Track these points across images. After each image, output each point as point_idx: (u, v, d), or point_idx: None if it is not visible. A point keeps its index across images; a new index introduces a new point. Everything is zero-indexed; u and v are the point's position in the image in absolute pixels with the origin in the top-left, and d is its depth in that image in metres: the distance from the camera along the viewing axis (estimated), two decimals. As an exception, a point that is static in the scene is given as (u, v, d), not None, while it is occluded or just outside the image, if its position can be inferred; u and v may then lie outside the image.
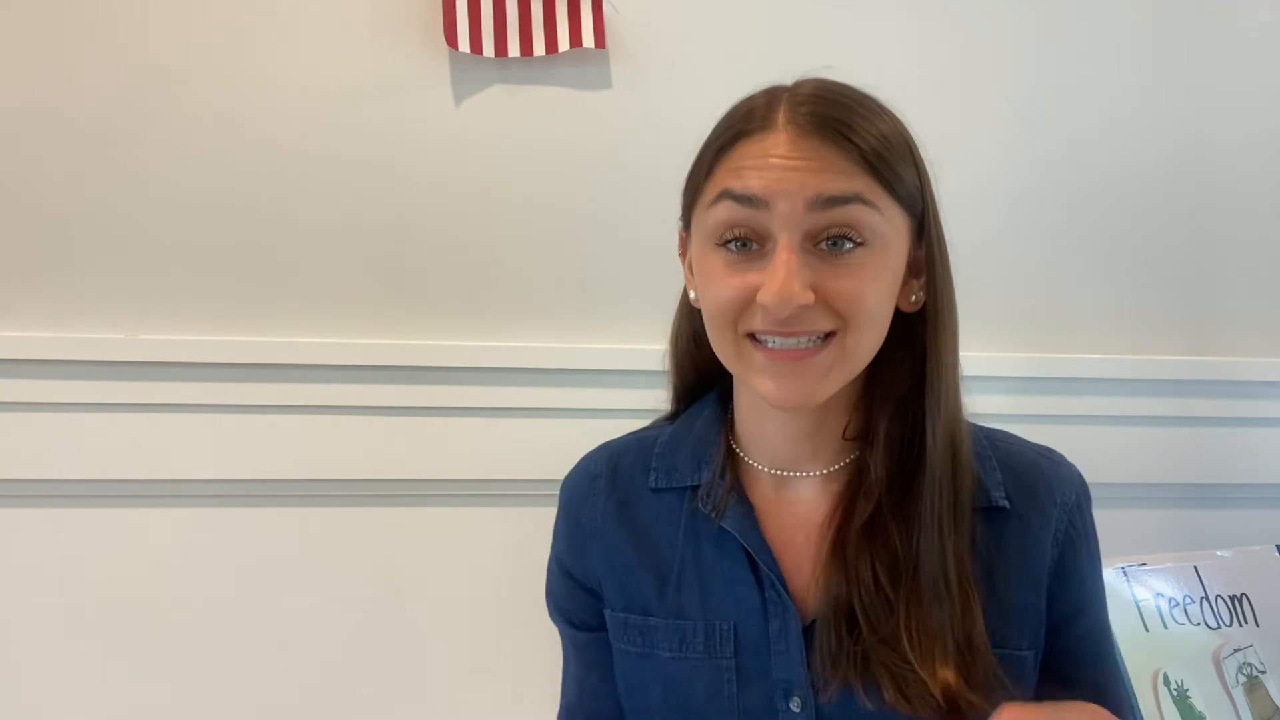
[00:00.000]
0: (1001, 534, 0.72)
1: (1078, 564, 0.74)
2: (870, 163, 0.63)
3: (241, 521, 1.23)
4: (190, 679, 1.23)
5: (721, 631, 0.72)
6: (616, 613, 0.77)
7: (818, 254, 0.64)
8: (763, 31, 1.28)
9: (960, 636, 0.67)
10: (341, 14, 1.22)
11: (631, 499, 0.78)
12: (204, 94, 1.20)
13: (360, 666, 1.27)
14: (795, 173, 0.63)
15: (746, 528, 0.72)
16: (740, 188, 0.64)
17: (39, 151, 1.18)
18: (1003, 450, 0.76)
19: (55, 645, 1.21)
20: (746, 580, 0.72)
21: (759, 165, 0.64)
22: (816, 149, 0.63)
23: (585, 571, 0.80)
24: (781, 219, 0.63)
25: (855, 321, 0.65)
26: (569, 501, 0.82)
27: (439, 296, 1.26)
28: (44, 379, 1.17)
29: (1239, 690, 1.11)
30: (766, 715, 0.71)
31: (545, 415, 1.26)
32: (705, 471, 0.75)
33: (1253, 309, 1.40)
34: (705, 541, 0.74)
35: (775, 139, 0.64)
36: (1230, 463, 1.38)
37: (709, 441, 0.77)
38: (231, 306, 1.22)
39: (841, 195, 0.63)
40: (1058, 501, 0.73)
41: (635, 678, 0.76)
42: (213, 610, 1.23)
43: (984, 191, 1.32)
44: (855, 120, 0.64)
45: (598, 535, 0.78)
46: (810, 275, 0.63)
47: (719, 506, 0.73)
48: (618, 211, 1.27)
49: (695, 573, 0.74)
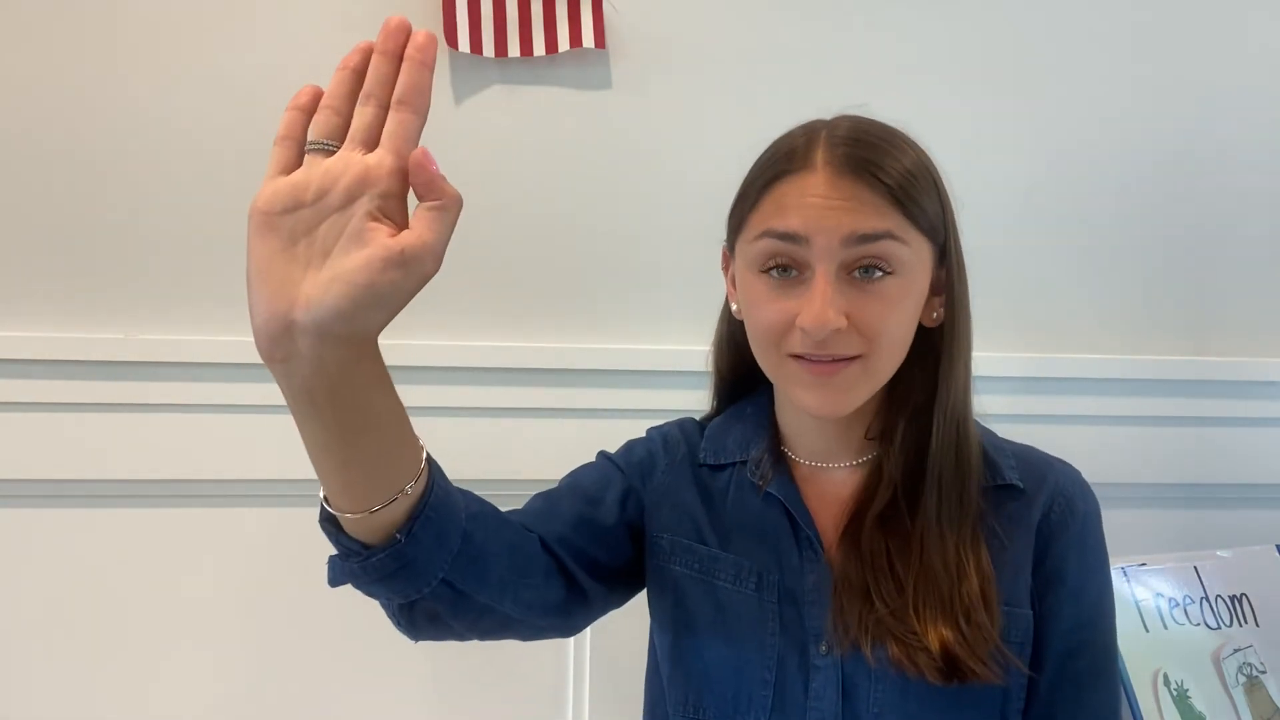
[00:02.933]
0: (1013, 510, 0.81)
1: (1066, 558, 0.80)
2: (899, 199, 0.72)
3: (242, 521, 1.23)
4: (190, 679, 1.23)
5: (769, 580, 0.81)
6: (679, 538, 0.85)
7: (850, 281, 0.73)
8: (763, 31, 1.28)
9: (962, 611, 0.74)
10: (341, 14, 1.22)
11: (695, 467, 0.88)
12: (203, 94, 1.20)
13: (360, 666, 1.26)
14: (833, 212, 0.71)
15: (791, 494, 0.82)
16: (783, 226, 0.72)
17: (39, 152, 1.18)
18: (1019, 447, 0.86)
19: (55, 645, 1.21)
20: (788, 538, 0.82)
21: (799, 205, 0.72)
22: (851, 188, 0.72)
23: (646, 492, 0.87)
24: (819, 253, 0.72)
25: (880, 345, 0.74)
26: (649, 441, 0.91)
27: (438, 296, 1.25)
28: (44, 379, 1.17)
29: (1239, 690, 1.11)
30: (799, 659, 0.78)
31: (545, 415, 1.26)
32: (753, 449, 0.86)
33: (1253, 309, 1.40)
34: (751, 507, 0.84)
35: (814, 179, 0.72)
36: (1230, 463, 1.38)
37: (758, 427, 0.87)
38: (232, 306, 1.22)
39: (873, 233, 0.71)
40: (1060, 487, 0.82)
41: (691, 601, 0.83)
42: (213, 610, 1.23)
43: (984, 193, 1.32)
44: (885, 160, 0.73)
45: (672, 472, 0.88)
46: (844, 302, 0.72)
47: (765, 475, 0.83)
48: (618, 211, 1.27)
49: (745, 530, 0.83)
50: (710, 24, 1.28)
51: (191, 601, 1.23)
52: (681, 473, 0.88)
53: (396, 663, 1.27)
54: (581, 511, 0.83)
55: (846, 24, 1.30)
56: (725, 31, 1.28)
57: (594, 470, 0.89)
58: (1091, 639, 0.80)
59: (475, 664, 1.28)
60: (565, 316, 1.28)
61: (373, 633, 1.26)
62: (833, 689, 0.76)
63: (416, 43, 0.56)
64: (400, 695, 1.27)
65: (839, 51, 1.29)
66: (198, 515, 1.23)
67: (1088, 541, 0.81)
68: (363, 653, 1.26)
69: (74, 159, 1.19)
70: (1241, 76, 1.37)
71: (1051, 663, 0.78)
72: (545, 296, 1.27)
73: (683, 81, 1.27)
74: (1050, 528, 0.80)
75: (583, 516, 0.83)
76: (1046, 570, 0.79)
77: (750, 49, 1.28)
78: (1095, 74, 1.35)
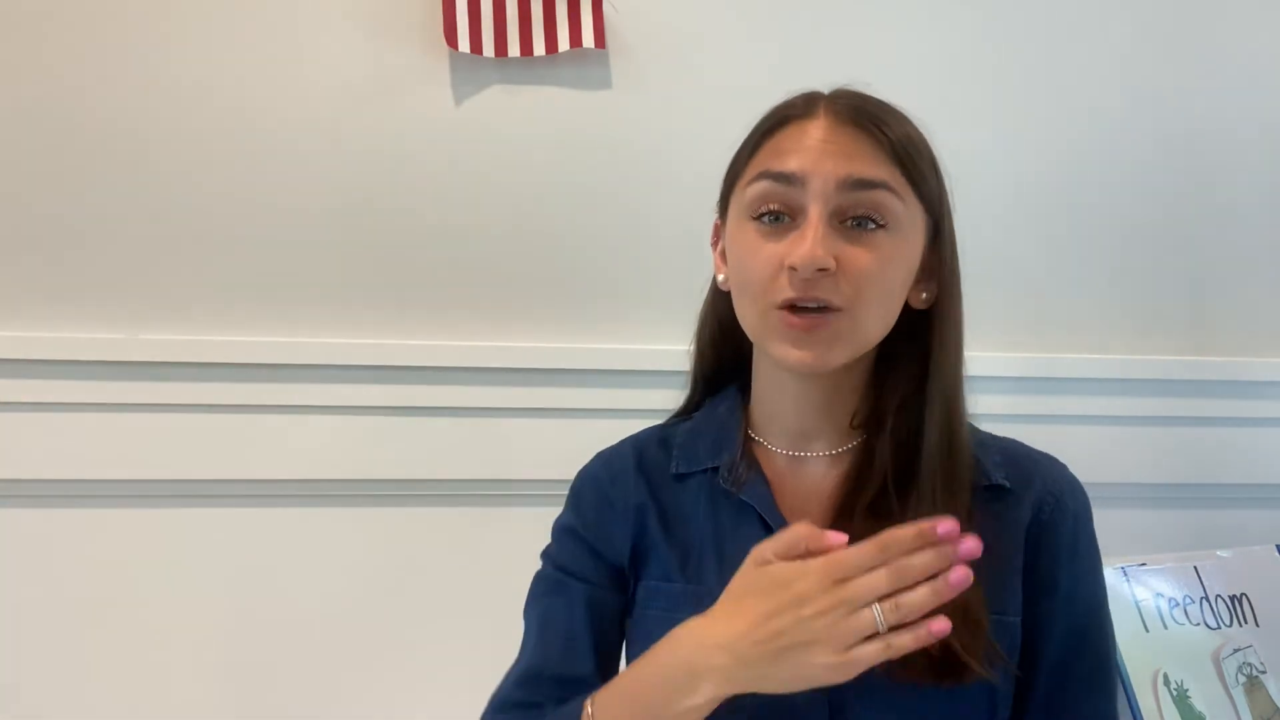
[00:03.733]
0: (1000, 510, 0.77)
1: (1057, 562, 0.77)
2: (899, 155, 0.71)
3: (242, 521, 1.23)
4: (190, 679, 1.23)
5: None
6: (646, 582, 0.81)
7: (843, 230, 0.71)
8: (763, 31, 1.28)
9: (959, 606, 0.68)
10: (341, 14, 1.22)
11: (657, 486, 0.83)
12: (204, 94, 1.20)
13: (360, 666, 1.26)
14: (830, 155, 0.70)
15: (763, 498, 0.78)
16: (779, 167, 0.72)
17: (39, 152, 1.18)
18: (1005, 443, 0.83)
19: (55, 645, 1.21)
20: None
21: (797, 148, 0.72)
22: (852, 136, 0.71)
23: (615, 550, 0.83)
24: (814, 194, 0.70)
25: (865, 296, 0.71)
26: (597, 481, 0.85)
27: (439, 296, 1.26)
28: (44, 379, 1.17)
29: (1239, 690, 1.11)
30: None
31: (545, 415, 1.26)
32: (725, 454, 0.81)
33: (1253, 309, 1.40)
34: (725, 514, 0.80)
35: (815, 124, 0.72)
36: (1230, 463, 1.38)
37: (729, 427, 0.83)
38: (232, 306, 1.22)
39: (870, 180, 0.70)
40: (1048, 486, 0.79)
41: (656, 637, 0.77)
42: (213, 610, 1.23)
43: (984, 192, 1.32)
44: (888, 118, 0.72)
45: (630, 515, 0.82)
46: (834, 245, 0.70)
47: (738, 481, 0.79)
48: (618, 211, 1.28)
49: (714, 544, 0.79)
50: (710, 24, 1.28)
51: (191, 601, 1.23)
52: (642, 497, 0.82)
53: (395, 663, 1.27)
54: (578, 626, 0.81)
55: (847, 24, 1.30)
56: (725, 31, 1.28)
57: (552, 601, 0.84)
58: (1088, 644, 0.77)
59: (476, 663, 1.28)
60: (565, 316, 1.28)
61: (372, 633, 1.27)
62: (820, 705, 0.72)
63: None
64: (400, 695, 1.27)
65: (840, 51, 1.30)
66: (197, 515, 1.23)
67: (1079, 543, 0.78)
68: (362, 652, 1.26)
69: (75, 159, 1.19)
70: (1242, 76, 1.37)
71: (1047, 669, 0.76)
72: (545, 296, 1.27)
73: (683, 81, 1.27)
74: (1040, 529, 0.77)
75: (581, 626, 0.81)
76: (1038, 576, 0.76)
77: (750, 48, 1.28)
78: (1095, 74, 1.35)
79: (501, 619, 1.35)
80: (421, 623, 1.27)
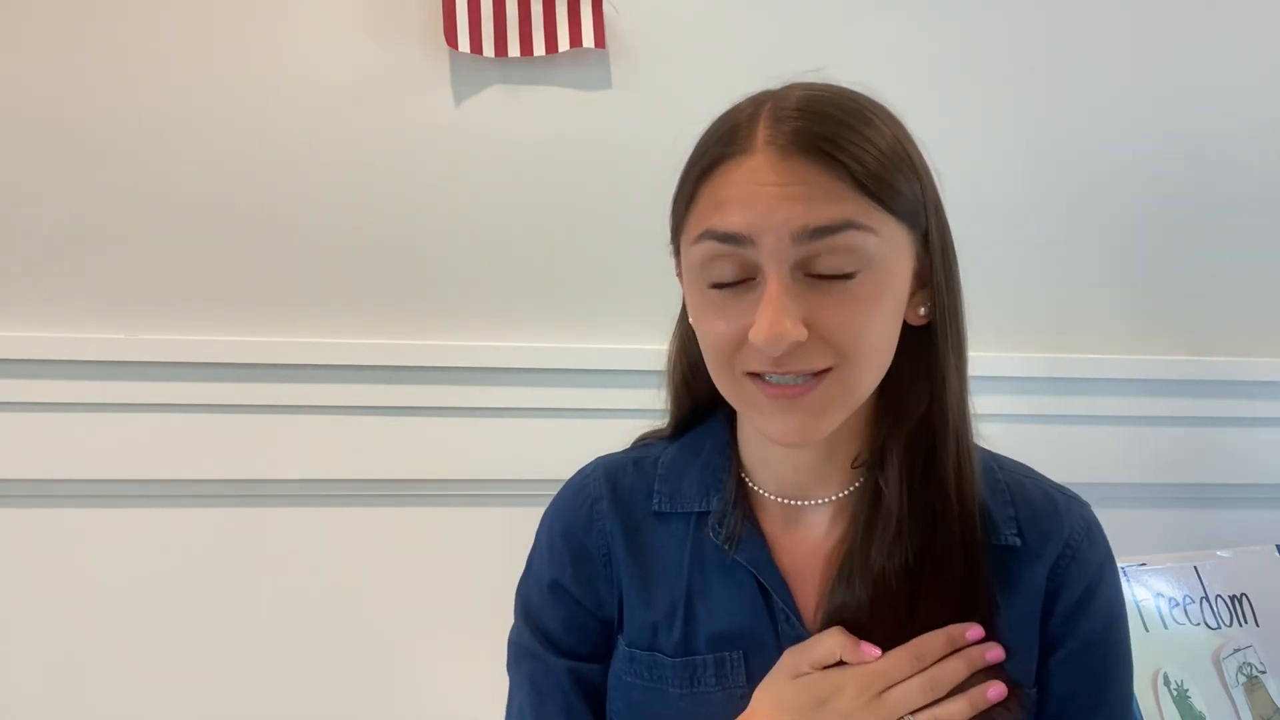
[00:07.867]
0: (1009, 572, 0.70)
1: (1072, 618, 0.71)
2: (861, 182, 0.59)
3: (241, 521, 1.23)
4: (189, 679, 1.23)
5: (732, 662, 0.70)
6: (622, 645, 0.74)
7: (809, 283, 0.60)
8: (763, 31, 1.28)
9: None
10: (341, 14, 1.22)
11: (634, 523, 0.75)
12: (204, 94, 1.20)
13: (360, 666, 1.27)
14: (780, 203, 0.58)
15: (761, 561, 0.70)
16: (722, 226, 0.60)
17: (39, 152, 1.18)
18: (1015, 478, 0.74)
19: (55, 645, 1.21)
20: (760, 611, 0.70)
21: (740, 196, 0.60)
22: (800, 172, 0.59)
23: (597, 600, 0.76)
24: (768, 254, 0.59)
25: (853, 355, 0.61)
26: (568, 527, 0.77)
27: (439, 296, 1.26)
28: (44, 379, 1.17)
29: (1239, 690, 1.11)
30: None
31: (545, 415, 1.26)
32: (714, 499, 0.73)
33: (1253, 309, 1.40)
34: (713, 570, 0.72)
35: (755, 162, 0.60)
36: (1230, 463, 1.38)
37: (718, 469, 0.74)
38: (231, 306, 1.22)
39: (830, 224, 0.58)
40: (1066, 538, 0.71)
41: (643, 710, 0.73)
42: (212, 610, 1.23)
43: (984, 192, 1.32)
44: (843, 135, 0.60)
45: (611, 563, 0.75)
46: (803, 309, 0.59)
47: (733, 538, 0.71)
48: (618, 211, 1.27)
49: (703, 603, 0.72)
50: (710, 24, 1.28)
51: (190, 601, 1.23)
52: (618, 543, 0.74)
53: (394, 663, 1.27)
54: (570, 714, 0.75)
55: (847, 23, 1.30)
56: (725, 31, 1.28)
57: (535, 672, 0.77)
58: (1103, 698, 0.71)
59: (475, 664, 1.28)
60: (565, 316, 1.28)
61: (371, 633, 1.27)
62: None
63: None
64: (399, 694, 1.27)
65: (840, 51, 1.29)
66: (198, 515, 1.23)
67: (1096, 600, 0.71)
68: (361, 652, 1.26)
69: (75, 159, 1.18)
70: (1243, 76, 1.37)
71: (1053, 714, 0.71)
72: (545, 296, 1.27)
73: (682, 81, 1.27)
74: (1056, 585, 0.70)
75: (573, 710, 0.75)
76: (1050, 633, 0.70)
77: (750, 48, 1.28)
78: (1095, 74, 1.35)
79: (501, 619, 1.35)
80: (421, 622, 1.27)
